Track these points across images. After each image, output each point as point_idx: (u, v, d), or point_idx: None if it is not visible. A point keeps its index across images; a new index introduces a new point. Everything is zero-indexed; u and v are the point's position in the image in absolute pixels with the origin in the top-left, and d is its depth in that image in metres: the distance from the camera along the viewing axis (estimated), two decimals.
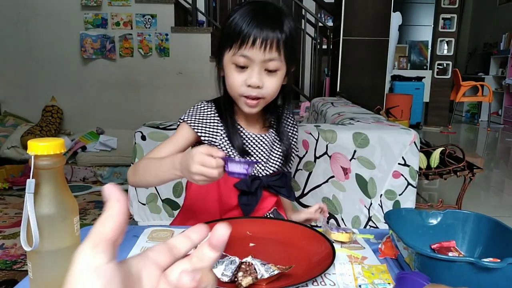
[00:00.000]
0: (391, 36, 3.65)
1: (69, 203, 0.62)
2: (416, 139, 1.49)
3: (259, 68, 0.85)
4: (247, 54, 0.83)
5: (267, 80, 0.87)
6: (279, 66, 0.87)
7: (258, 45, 0.82)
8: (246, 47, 0.83)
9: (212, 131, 0.93)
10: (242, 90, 0.87)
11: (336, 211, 1.52)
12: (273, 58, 0.84)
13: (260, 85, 0.85)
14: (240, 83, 0.86)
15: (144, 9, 3.54)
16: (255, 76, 0.85)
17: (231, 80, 0.87)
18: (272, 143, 0.99)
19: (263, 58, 0.84)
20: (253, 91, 0.86)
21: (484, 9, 7.41)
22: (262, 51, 0.83)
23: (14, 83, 3.65)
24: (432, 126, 6.03)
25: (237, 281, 0.62)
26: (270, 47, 0.83)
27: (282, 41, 0.84)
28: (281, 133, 0.99)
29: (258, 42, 0.82)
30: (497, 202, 2.92)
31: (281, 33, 0.84)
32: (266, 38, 0.82)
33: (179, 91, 3.63)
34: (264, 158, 0.97)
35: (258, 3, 0.88)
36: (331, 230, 0.80)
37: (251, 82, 0.85)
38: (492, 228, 0.74)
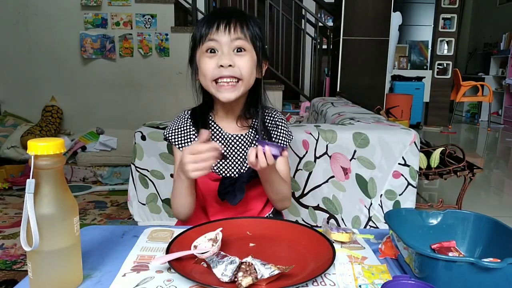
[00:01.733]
0: (391, 36, 3.65)
1: (69, 203, 0.62)
2: (416, 139, 1.49)
3: (228, 49, 0.91)
4: (214, 37, 0.90)
5: (237, 60, 0.91)
6: (246, 46, 0.92)
7: (222, 29, 0.90)
8: (212, 32, 0.90)
9: (186, 140, 0.99)
10: (215, 73, 0.91)
11: (336, 211, 1.52)
12: (239, 37, 0.91)
13: (232, 64, 0.90)
14: (213, 67, 0.91)
15: (144, 9, 3.54)
16: (225, 57, 0.90)
17: (204, 68, 0.92)
18: (251, 142, 1.00)
19: (230, 38, 0.90)
20: (226, 70, 0.90)
21: (484, 9, 7.41)
22: (227, 33, 0.90)
23: (14, 83, 3.66)
24: (432, 126, 6.03)
25: (237, 281, 0.62)
26: (234, 29, 0.90)
27: (245, 24, 0.92)
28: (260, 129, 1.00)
29: (222, 26, 0.90)
30: (497, 202, 2.92)
31: (241, 22, 0.91)
32: (230, 21, 0.90)
33: (179, 91, 3.63)
34: (241, 157, 0.99)
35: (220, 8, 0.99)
36: (331, 230, 0.80)
37: (222, 62, 0.89)
38: (492, 228, 0.74)
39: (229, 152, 0.99)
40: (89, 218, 2.31)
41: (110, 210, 2.45)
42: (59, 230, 0.61)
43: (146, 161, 1.51)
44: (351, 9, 3.54)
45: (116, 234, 0.85)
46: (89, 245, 0.78)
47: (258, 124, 1.01)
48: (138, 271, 0.69)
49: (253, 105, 1.01)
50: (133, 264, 0.71)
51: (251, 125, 1.01)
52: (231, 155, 0.99)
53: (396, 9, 3.89)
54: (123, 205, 2.51)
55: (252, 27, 0.93)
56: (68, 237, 0.62)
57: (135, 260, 0.73)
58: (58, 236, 0.61)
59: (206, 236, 0.75)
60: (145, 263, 0.72)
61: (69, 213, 0.62)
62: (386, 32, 3.58)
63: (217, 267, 0.64)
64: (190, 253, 0.71)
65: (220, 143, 0.99)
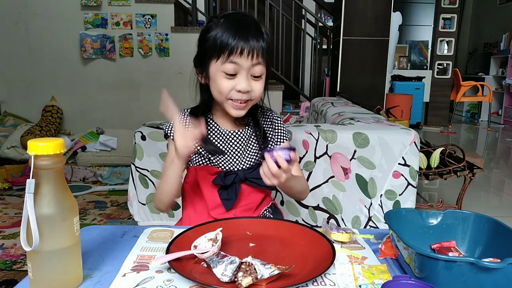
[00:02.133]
0: (391, 36, 3.65)
1: (69, 203, 0.62)
2: (416, 139, 1.49)
3: (247, 74, 0.93)
4: (237, 61, 0.91)
5: (254, 84, 0.95)
6: (263, 71, 0.95)
7: (245, 54, 0.91)
8: (235, 55, 0.91)
9: None
10: (231, 94, 0.94)
11: (336, 211, 1.52)
12: (259, 63, 0.93)
13: (249, 90, 0.93)
14: (230, 88, 0.93)
15: (144, 9, 3.54)
16: (244, 82, 0.92)
17: (221, 87, 0.94)
18: (248, 138, 1.03)
19: (251, 64, 0.92)
20: (243, 95, 0.93)
21: (484, 9, 7.41)
22: (249, 58, 0.91)
23: (14, 83, 3.66)
24: (432, 126, 6.03)
25: (237, 281, 0.62)
26: (257, 55, 0.92)
27: (264, 47, 0.93)
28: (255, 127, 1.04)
29: (245, 51, 0.91)
30: (497, 202, 2.92)
31: (263, 42, 0.93)
32: (253, 47, 0.91)
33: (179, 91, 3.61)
34: (239, 153, 1.02)
35: (235, 15, 0.96)
36: (331, 230, 0.80)
37: (241, 88, 0.92)
38: (492, 228, 0.74)
39: (227, 148, 1.01)
40: (89, 218, 2.31)
41: (110, 210, 2.45)
42: (59, 230, 0.61)
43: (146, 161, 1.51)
44: (351, 9, 3.54)
45: (116, 234, 0.85)
46: (89, 245, 0.78)
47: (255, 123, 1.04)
48: (138, 271, 0.69)
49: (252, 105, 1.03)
50: (133, 264, 0.71)
51: (247, 123, 1.04)
52: (229, 150, 1.01)
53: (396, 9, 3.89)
54: (123, 205, 2.52)
55: (267, 43, 0.95)
56: (68, 237, 0.62)
57: (135, 260, 0.73)
58: (58, 236, 0.61)
59: (206, 236, 0.75)
60: (145, 263, 0.72)
61: (69, 213, 0.62)
62: (386, 32, 3.58)
63: (217, 267, 0.64)
64: (190, 253, 0.71)
65: (218, 139, 1.01)
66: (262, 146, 1.04)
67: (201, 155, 1.01)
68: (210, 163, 1.01)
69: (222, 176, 1.00)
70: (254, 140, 1.04)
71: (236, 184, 1.01)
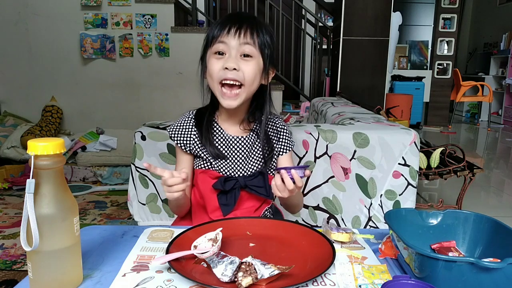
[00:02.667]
0: (391, 36, 3.65)
1: (69, 203, 0.62)
2: (416, 139, 1.49)
3: (235, 53, 0.93)
4: (224, 40, 0.93)
5: (243, 64, 0.94)
6: (254, 53, 0.94)
7: (232, 33, 0.93)
8: (223, 35, 0.93)
9: (187, 139, 1.02)
10: (220, 74, 0.94)
11: (336, 211, 1.52)
12: (247, 43, 0.93)
13: (237, 67, 0.92)
14: (219, 68, 0.94)
15: (144, 9, 3.54)
16: (231, 60, 0.93)
17: (211, 68, 0.95)
18: (252, 144, 1.02)
19: (238, 42, 0.93)
20: (230, 73, 0.93)
21: (484, 9, 7.41)
22: (237, 36, 0.92)
23: (14, 83, 3.65)
24: (432, 126, 6.03)
25: (237, 281, 0.62)
26: (244, 34, 0.93)
27: (255, 31, 0.94)
28: (260, 134, 1.03)
29: (233, 30, 0.93)
30: (497, 202, 2.92)
31: (252, 28, 0.94)
32: (240, 26, 0.93)
33: (179, 91, 3.64)
34: (242, 159, 1.01)
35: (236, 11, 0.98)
36: (331, 230, 0.80)
37: (227, 65, 0.92)
38: (492, 228, 0.74)
39: (229, 153, 1.00)
40: (89, 218, 2.31)
41: (110, 210, 2.45)
42: (59, 230, 0.61)
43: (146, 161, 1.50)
44: (351, 9, 3.54)
45: (116, 234, 0.85)
46: (89, 245, 0.78)
47: (260, 130, 1.02)
48: (138, 271, 0.69)
49: (258, 110, 1.03)
50: (133, 264, 0.71)
51: (252, 129, 1.03)
52: (231, 156, 1.00)
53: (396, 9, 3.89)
54: (123, 205, 2.52)
55: (262, 35, 0.95)
56: (68, 237, 0.62)
57: (135, 260, 0.73)
58: (58, 236, 0.61)
59: (206, 236, 0.75)
60: (145, 263, 0.72)
61: (69, 213, 0.62)
62: (386, 32, 3.58)
63: (217, 267, 0.64)
64: (190, 253, 0.71)
65: (221, 144, 1.00)
66: (266, 155, 1.02)
67: (203, 159, 1.01)
68: (211, 167, 1.01)
69: (222, 182, 0.99)
70: (257, 147, 1.02)
71: (235, 190, 1.00)
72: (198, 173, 1.02)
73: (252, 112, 1.03)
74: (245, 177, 1.01)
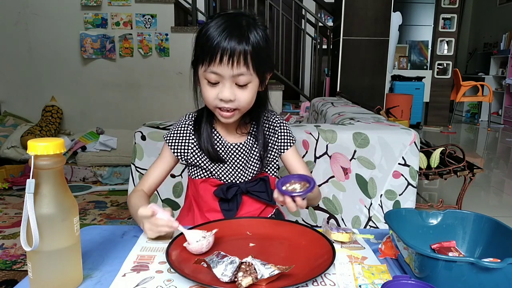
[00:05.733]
0: (391, 36, 3.65)
1: (69, 203, 0.62)
2: (416, 139, 1.49)
3: (230, 83, 0.87)
4: (216, 71, 0.85)
5: (239, 93, 0.88)
6: (249, 79, 0.88)
7: (225, 62, 0.84)
8: (215, 64, 0.85)
9: (184, 147, 0.99)
10: (215, 103, 0.90)
11: (336, 211, 1.52)
12: (242, 73, 0.86)
13: (232, 99, 0.88)
14: (213, 97, 0.89)
15: (144, 9, 3.54)
16: (226, 91, 0.87)
17: (205, 95, 0.91)
18: (250, 149, 1.00)
19: (232, 73, 0.85)
20: (226, 104, 0.89)
21: (484, 9, 7.41)
22: (230, 67, 0.84)
23: (14, 83, 3.65)
24: (432, 126, 6.03)
25: (237, 281, 0.62)
26: (238, 62, 0.84)
27: (250, 53, 0.85)
28: (257, 137, 1.00)
29: (225, 58, 0.84)
30: (497, 202, 2.92)
31: (247, 45, 0.85)
32: (233, 53, 0.84)
33: (179, 91, 3.63)
34: (241, 164, 0.99)
35: (229, 15, 0.89)
36: (331, 230, 0.80)
37: (222, 97, 0.87)
38: (492, 228, 0.74)
39: (229, 159, 0.99)
40: (89, 218, 2.31)
41: (110, 210, 2.45)
42: (59, 230, 0.61)
43: (146, 161, 1.50)
44: (351, 9, 3.54)
45: (116, 234, 0.85)
46: (89, 245, 0.78)
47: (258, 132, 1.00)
48: (138, 271, 0.69)
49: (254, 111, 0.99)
50: (133, 264, 0.71)
51: (249, 131, 1.01)
52: (231, 162, 0.99)
53: (396, 9, 3.89)
54: (123, 205, 2.52)
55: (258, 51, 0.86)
56: (68, 237, 0.62)
57: (135, 260, 0.73)
58: (58, 236, 0.61)
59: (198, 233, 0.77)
60: (145, 263, 0.72)
61: (69, 213, 0.62)
62: (386, 32, 3.58)
63: (217, 267, 0.64)
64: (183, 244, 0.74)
65: (220, 151, 0.98)
66: (262, 157, 1.01)
67: (201, 167, 0.99)
68: (211, 176, 0.99)
69: (224, 190, 0.97)
70: (255, 150, 1.00)
71: (237, 196, 0.99)
72: (199, 182, 1.00)
73: (249, 114, 0.99)
74: (246, 183, 1.00)
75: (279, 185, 0.81)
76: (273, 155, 1.03)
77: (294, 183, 0.82)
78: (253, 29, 0.88)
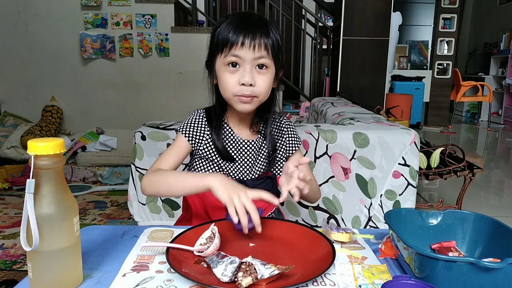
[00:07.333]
0: (391, 36, 3.65)
1: (69, 203, 0.62)
2: (416, 139, 1.49)
3: (250, 67, 0.90)
4: (238, 53, 0.89)
5: (259, 78, 0.91)
6: (269, 64, 0.92)
7: (247, 46, 0.88)
8: (237, 47, 0.89)
9: (199, 138, 0.99)
10: (235, 89, 0.91)
11: (336, 211, 1.52)
12: (263, 56, 0.90)
13: (253, 83, 0.90)
14: (234, 83, 0.91)
15: (144, 9, 3.54)
16: (247, 75, 0.89)
17: (225, 82, 0.92)
18: (260, 147, 1.01)
19: (253, 56, 0.89)
20: (247, 89, 0.91)
21: (484, 9, 7.41)
22: (251, 50, 0.89)
23: (14, 83, 3.65)
24: (432, 126, 6.03)
25: (237, 281, 0.62)
26: (259, 46, 0.89)
27: (269, 43, 0.91)
28: (266, 136, 1.02)
29: (247, 43, 0.88)
30: (497, 202, 2.92)
31: (267, 37, 0.90)
32: (254, 37, 0.89)
33: (179, 91, 3.63)
34: (250, 162, 1.00)
35: (242, 13, 0.95)
36: (331, 230, 0.80)
37: (244, 81, 0.89)
38: (492, 228, 0.74)
39: (239, 156, 1.00)
40: (89, 218, 2.31)
41: (110, 210, 2.45)
42: (59, 230, 0.61)
43: (146, 161, 1.51)
44: (351, 9, 3.54)
45: (116, 234, 0.85)
46: (89, 245, 0.78)
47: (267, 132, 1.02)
48: (138, 271, 0.69)
49: (265, 111, 1.02)
50: (133, 264, 0.71)
51: (259, 131, 1.03)
52: (240, 159, 1.00)
53: (396, 9, 3.89)
54: (123, 205, 2.52)
55: (274, 41, 0.92)
56: (68, 237, 0.62)
57: (135, 260, 0.73)
58: (58, 236, 0.61)
59: (203, 236, 0.75)
60: (145, 263, 0.72)
61: (69, 213, 0.62)
62: (386, 32, 3.58)
63: (217, 267, 0.64)
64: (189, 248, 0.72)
65: (232, 147, 0.99)
66: (270, 157, 1.02)
67: (213, 161, 0.99)
68: (221, 171, 1.00)
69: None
70: (264, 149, 1.02)
71: None
72: None
73: (259, 113, 1.02)
74: (253, 180, 1.01)
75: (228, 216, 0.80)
76: (280, 156, 1.05)
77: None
78: (271, 25, 0.93)
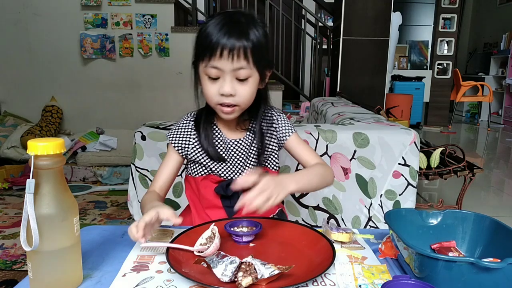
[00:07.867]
0: (391, 36, 3.65)
1: (69, 203, 0.62)
2: (416, 139, 1.49)
3: (230, 77, 0.89)
4: (217, 65, 0.87)
5: (239, 88, 0.90)
6: (249, 74, 0.90)
7: (225, 56, 0.86)
8: (215, 58, 0.87)
9: (186, 143, 1.00)
10: (216, 99, 0.91)
11: (336, 211, 1.52)
12: (242, 67, 0.88)
13: (233, 93, 0.89)
14: (215, 92, 0.90)
15: (144, 9, 3.54)
16: (227, 85, 0.88)
17: (206, 91, 0.92)
18: (250, 146, 1.01)
19: (232, 67, 0.87)
20: (227, 99, 0.90)
21: (484, 9, 7.41)
22: (230, 60, 0.86)
23: (14, 83, 3.65)
24: (432, 126, 6.03)
25: (237, 281, 0.62)
26: (238, 56, 0.86)
27: (249, 49, 0.87)
28: (256, 133, 1.01)
29: (225, 52, 0.86)
30: (497, 202, 2.92)
31: (247, 41, 0.87)
32: (233, 47, 0.86)
33: (179, 91, 3.63)
34: (240, 161, 1.00)
35: (228, 13, 0.91)
36: (331, 230, 0.80)
37: (223, 91, 0.89)
38: (492, 228, 0.74)
39: (229, 156, 1.00)
40: (89, 218, 2.31)
41: (110, 210, 2.45)
42: (59, 230, 0.61)
43: (146, 161, 1.51)
44: (351, 9, 3.54)
45: (116, 234, 0.85)
46: (89, 245, 0.78)
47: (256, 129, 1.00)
48: (138, 271, 0.69)
49: (254, 109, 1.00)
50: (133, 264, 0.71)
51: (248, 128, 1.02)
52: (231, 159, 1.00)
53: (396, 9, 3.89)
54: (123, 205, 2.52)
55: (256, 44, 0.88)
56: (68, 237, 0.62)
57: (135, 260, 0.73)
58: (58, 236, 0.61)
59: (203, 237, 0.75)
60: (145, 263, 0.72)
61: (69, 213, 0.62)
62: (386, 32, 3.58)
63: (217, 267, 0.64)
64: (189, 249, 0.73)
65: (220, 147, 0.99)
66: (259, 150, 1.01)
67: (202, 164, 1.00)
68: (211, 173, 1.00)
69: (224, 186, 0.98)
70: (254, 146, 1.01)
71: (238, 192, 0.95)
72: (199, 180, 1.01)
73: (247, 112, 1.00)
74: None
75: (227, 226, 0.82)
76: (272, 148, 1.03)
77: (242, 227, 0.84)
78: (252, 26, 0.90)
